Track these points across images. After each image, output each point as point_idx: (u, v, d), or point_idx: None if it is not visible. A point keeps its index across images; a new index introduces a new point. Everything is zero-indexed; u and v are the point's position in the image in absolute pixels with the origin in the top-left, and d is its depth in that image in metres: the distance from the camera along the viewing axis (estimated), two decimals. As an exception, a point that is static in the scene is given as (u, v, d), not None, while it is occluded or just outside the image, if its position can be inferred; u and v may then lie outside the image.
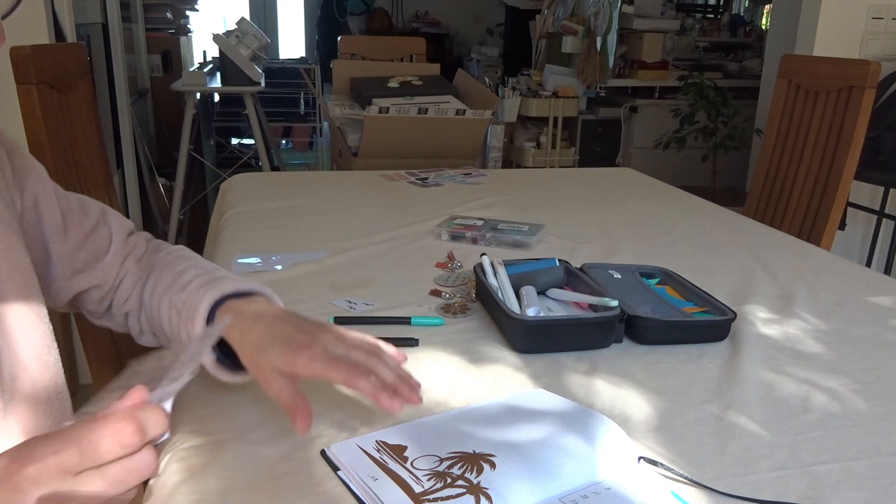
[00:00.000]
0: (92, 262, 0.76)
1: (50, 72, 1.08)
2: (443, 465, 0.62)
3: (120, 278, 0.78)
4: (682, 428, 0.70)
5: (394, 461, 0.62)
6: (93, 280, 0.76)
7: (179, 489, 0.59)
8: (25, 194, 0.69)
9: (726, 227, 1.42)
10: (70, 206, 0.75)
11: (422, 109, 2.13)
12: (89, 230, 0.76)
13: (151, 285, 0.76)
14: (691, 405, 0.74)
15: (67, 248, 0.73)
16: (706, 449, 0.67)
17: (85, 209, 0.77)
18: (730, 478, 0.62)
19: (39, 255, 0.71)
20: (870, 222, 2.71)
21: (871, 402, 0.76)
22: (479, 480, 0.59)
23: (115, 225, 0.79)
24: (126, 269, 0.79)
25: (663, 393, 0.77)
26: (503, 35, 6.50)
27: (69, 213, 0.74)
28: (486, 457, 0.62)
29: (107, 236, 0.78)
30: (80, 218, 0.76)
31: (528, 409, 0.72)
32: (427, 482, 0.59)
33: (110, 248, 0.77)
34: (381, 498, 0.57)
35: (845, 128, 1.62)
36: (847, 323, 0.96)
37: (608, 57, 4.35)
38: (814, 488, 0.61)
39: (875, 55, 2.53)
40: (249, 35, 3.10)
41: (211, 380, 0.76)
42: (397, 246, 1.23)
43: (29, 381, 0.62)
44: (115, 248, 0.78)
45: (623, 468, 0.63)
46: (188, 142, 3.12)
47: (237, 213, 1.39)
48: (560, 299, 0.98)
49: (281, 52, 7.35)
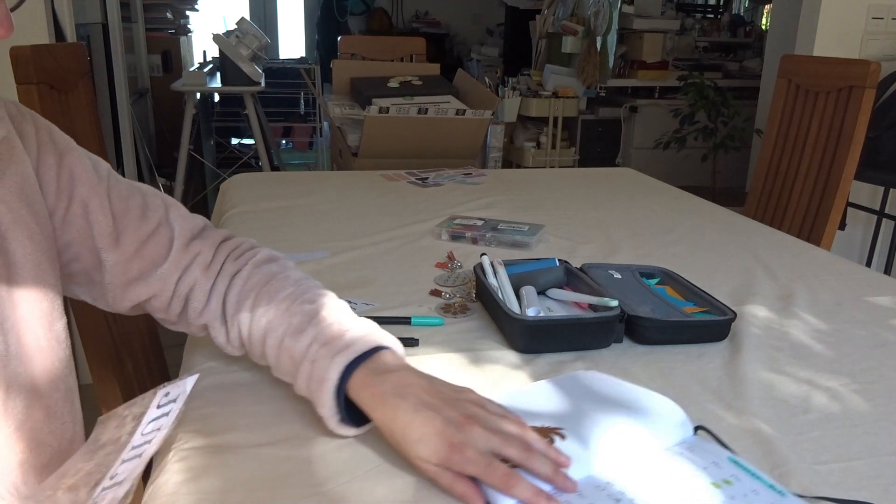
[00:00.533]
0: (148, 270, 0.71)
1: (50, 72, 1.08)
2: None
3: (187, 288, 0.73)
4: (682, 428, 0.70)
5: None
6: (150, 290, 0.71)
7: (180, 489, 0.59)
8: (74, 202, 0.65)
9: (726, 227, 1.42)
10: (127, 210, 0.70)
11: (422, 109, 2.13)
12: (146, 237, 0.71)
13: (249, 310, 0.70)
14: (691, 405, 0.74)
15: (120, 256, 0.69)
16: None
17: (145, 212, 0.71)
18: (730, 478, 0.62)
19: (91, 262, 0.67)
20: (870, 222, 2.71)
21: (871, 402, 0.76)
22: (563, 440, 0.62)
23: (178, 227, 0.73)
24: (192, 278, 0.73)
25: (663, 393, 0.76)
26: (503, 35, 6.50)
27: (125, 218, 0.69)
28: (555, 430, 0.64)
29: (166, 242, 0.72)
30: (138, 223, 0.70)
31: (580, 387, 0.74)
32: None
33: (169, 256, 0.72)
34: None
35: (845, 128, 1.62)
36: (847, 323, 0.96)
37: (608, 57, 4.35)
38: (814, 488, 0.61)
39: (875, 55, 2.53)
40: (249, 35, 3.10)
41: (211, 380, 0.77)
42: (397, 246, 1.23)
43: (42, 410, 0.59)
44: (174, 255, 0.72)
45: (682, 437, 0.66)
46: (188, 142, 3.12)
47: (237, 213, 1.39)
48: (560, 299, 0.98)
49: (281, 52, 7.35)
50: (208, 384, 0.76)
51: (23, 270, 0.58)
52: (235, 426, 0.68)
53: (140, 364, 1.14)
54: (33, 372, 0.58)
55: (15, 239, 0.58)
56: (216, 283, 0.74)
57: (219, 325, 0.74)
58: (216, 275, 0.74)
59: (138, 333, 1.17)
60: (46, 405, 0.59)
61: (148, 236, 0.71)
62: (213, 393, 0.74)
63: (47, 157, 0.63)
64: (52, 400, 0.59)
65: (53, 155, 0.64)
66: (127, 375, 1.06)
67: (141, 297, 0.72)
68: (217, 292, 0.73)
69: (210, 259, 0.74)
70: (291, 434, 0.67)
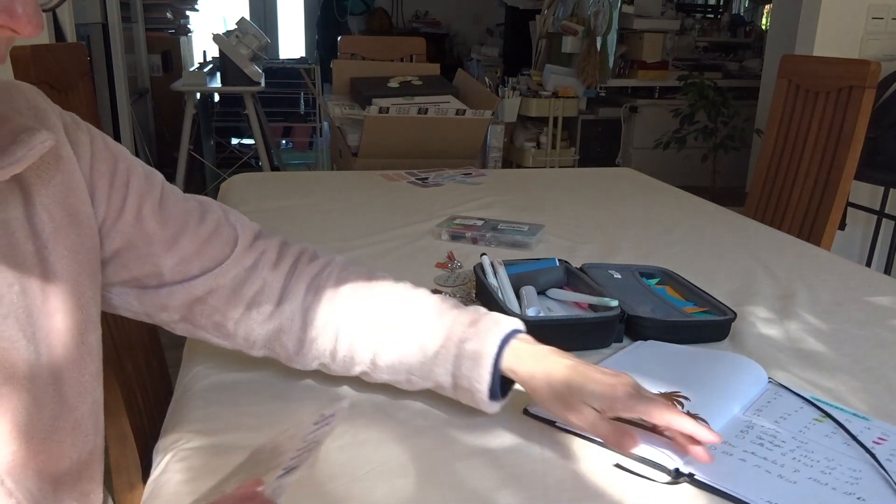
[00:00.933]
0: (210, 268, 0.69)
1: (50, 72, 1.08)
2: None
3: (256, 287, 0.71)
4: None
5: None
6: (207, 286, 0.69)
7: (181, 489, 0.59)
8: (126, 210, 0.65)
9: (726, 227, 1.42)
10: (184, 215, 0.69)
11: (422, 109, 2.13)
12: (206, 237, 0.69)
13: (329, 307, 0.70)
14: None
15: (179, 258, 0.67)
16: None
17: (203, 216, 0.70)
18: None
19: (144, 269, 0.66)
20: (870, 222, 2.71)
21: (871, 402, 0.76)
22: (687, 409, 0.68)
23: (240, 227, 0.72)
24: (261, 278, 0.71)
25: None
26: (503, 35, 6.49)
27: (182, 222, 0.68)
28: (677, 394, 0.71)
29: (230, 241, 0.71)
30: (196, 226, 0.69)
31: (658, 355, 0.82)
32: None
33: (232, 253, 0.70)
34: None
35: (845, 128, 1.62)
36: (847, 323, 0.96)
37: (608, 57, 4.34)
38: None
39: (875, 55, 2.53)
40: (249, 35, 3.11)
41: (212, 380, 0.76)
42: (397, 246, 1.23)
43: (69, 421, 0.58)
44: (239, 252, 0.71)
45: (763, 386, 0.76)
46: (188, 142, 3.12)
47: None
48: (560, 299, 0.98)
49: (281, 52, 7.35)
50: (208, 384, 0.76)
51: (60, 280, 0.57)
52: (235, 426, 0.68)
53: (140, 364, 1.14)
54: (63, 385, 0.58)
55: (55, 249, 0.57)
56: (290, 283, 0.72)
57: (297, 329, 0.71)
58: (286, 274, 0.72)
59: (138, 333, 1.17)
60: (74, 418, 0.58)
61: (209, 236, 0.70)
62: (213, 393, 0.74)
63: (101, 165, 0.63)
64: (79, 413, 0.59)
65: (107, 163, 0.64)
66: (127, 375, 1.06)
67: (197, 293, 0.69)
68: (296, 298, 0.72)
69: (276, 257, 0.73)
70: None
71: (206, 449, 0.65)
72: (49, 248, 0.57)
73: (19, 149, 0.53)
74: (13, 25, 0.45)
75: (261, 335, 0.72)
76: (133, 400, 1.06)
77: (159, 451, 0.66)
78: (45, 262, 0.56)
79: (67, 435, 0.58)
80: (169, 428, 0.70)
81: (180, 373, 0.81)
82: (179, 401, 0.75)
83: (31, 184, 0.56)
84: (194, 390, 0.75)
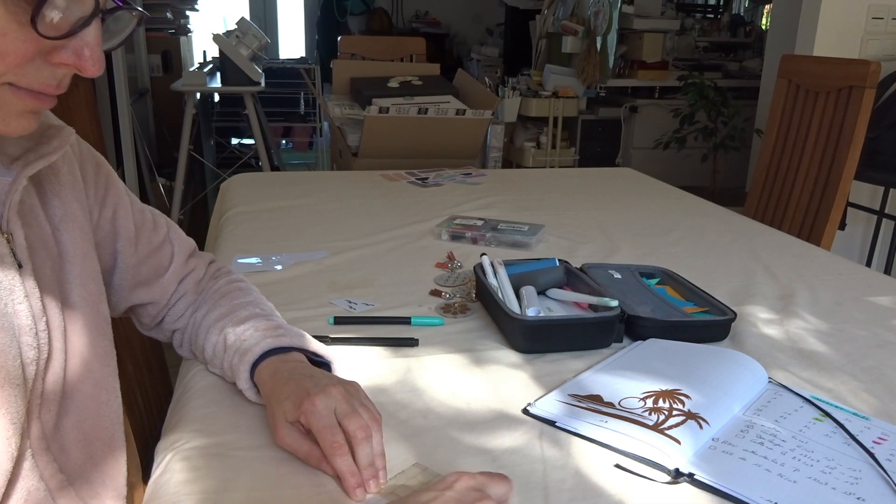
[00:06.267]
0: (153, 277, 0.78)
1: (50, 72, 1.08)
2: (646, 402, 0.69)
3: (177, 297, 0.80)
4: (682, 428, 0.70)
5: (604, 406, 0.69)
6: (151, 295, 0.78)
7: (181, 489, 0.59)
8: (105, 207, 0.71)
9: (726, 227, 1.42)
10: (144, 221, 0.77)
11: (422, 109, 2.13)
12: (156, 246, 0.78)
13: (205, 310, 0.79)
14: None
15: (134, 260, 0.75)
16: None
17: (156, 225, 0.79)
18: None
19: (107, 264, 0.73)
20: (870, 222, 2.71)
21: (871, 402, 0.76)
22: (688, 408, 0.68)
23: (177, 244, 0.80)
24: (184, 289, 0.80)
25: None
26: (503, 35, 6.49)
27: (142, 227, 0.76)
28: (678, 391, 0.71)
29: (169, 254, 0.79)
30: (151, 233, 0.77)
31: (661, 354, 0.82)
32: (650, 416, 0.66)
33: (170, 267, 0.79)
34: (626, 433, 0.65)
35: (845, 128, 1.62)
36: (847, 323, 0.96)
37: (608, 57, 4.34)
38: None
39: (875, 55, 2.53)
40: (249, 35, 3.10)
41: (212, 380, 0.77)
42: (397, 246, 1.23)
43: (91, 383, 0.63)
44: (175, 266, 0.79)
45: (763, 384, 0.76)
46: (188, 142, 3.12)
47: (237, 213, 1.39)
48: (560, 299, 0.98)
49: (281, 52, 7.35)
50: (208, 384, 0.76)
51: (73, 259, 0.63)
52: (235, 426, 0.68)
53: (140, 364, 1.14)
54: (88, 350, 0.63)
55: (67, 230, 0.63)
56: (198, 297, 0.81)
57: (182, 330, 0.81)
58: (202, 290, 0.82)
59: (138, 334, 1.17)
60: (94, 379, 0.64)
61: (158, 245, 0.78)
62: (213, 393, 0.74)
63: (87, 165, 0.70)
64: (102, 374, 0.65)
65: (92, 164, 0.70)
66: (127, 375, 1.06)
67: (141, 301, 0.78)
68: (194, 305, 0.81)
69: (202, 276, 0.82)
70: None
71: (207, 449, 0.65)
72: (61, 230, 0.63)
73: (53, 140, 0.60)
74: (80, 66, 0.51)
75: (168, 334, 0.82)
76: (133, 400, 1.06)
77: (160, 451, 0.66)
78: (59, 243, 0.63)
79: (85, 405, 0.62)
80: (169, 428, 0.70)
81: (180, 373, 0.81)
82: (179, 401, 0.75)
83: (43, 174, 0.62)
84: (194, 390, 0.75)
